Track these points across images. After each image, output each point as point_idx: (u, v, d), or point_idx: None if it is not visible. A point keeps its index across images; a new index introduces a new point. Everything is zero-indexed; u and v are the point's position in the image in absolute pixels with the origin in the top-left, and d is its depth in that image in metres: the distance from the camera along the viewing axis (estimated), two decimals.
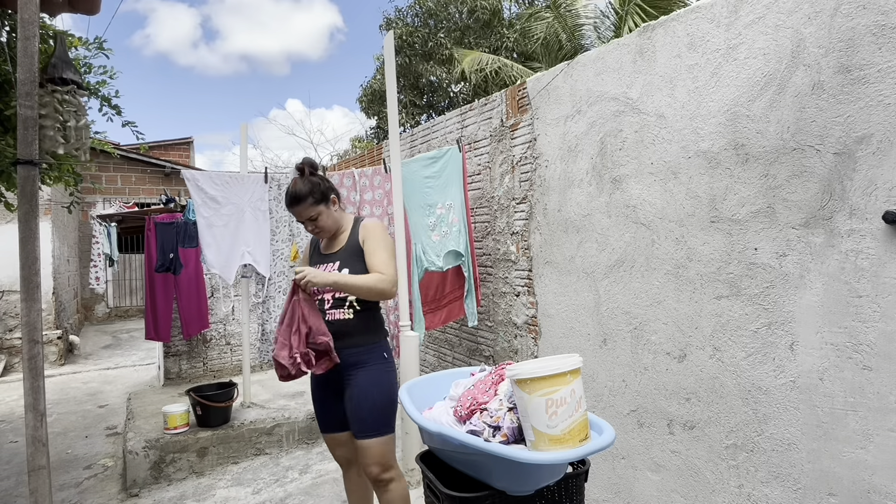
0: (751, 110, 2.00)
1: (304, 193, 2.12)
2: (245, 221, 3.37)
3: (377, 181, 3.61)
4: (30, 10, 1.91)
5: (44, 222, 7.17)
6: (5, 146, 2.59)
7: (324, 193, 2.16)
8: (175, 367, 5.08)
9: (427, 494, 1.65)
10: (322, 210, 2.16)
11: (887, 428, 1.69)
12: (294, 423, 3.93)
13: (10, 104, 2.49)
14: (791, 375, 1.93)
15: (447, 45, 12.95)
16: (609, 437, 1.42)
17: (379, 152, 5.25)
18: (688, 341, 2.27)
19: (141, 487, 3.32)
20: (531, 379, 1.36)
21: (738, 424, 2.10)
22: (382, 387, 2.12)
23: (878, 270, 1.69)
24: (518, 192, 3.30)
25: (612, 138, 2.59)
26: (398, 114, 3.49)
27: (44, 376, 1.99)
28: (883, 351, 1.69)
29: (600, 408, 2.71)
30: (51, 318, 7.10)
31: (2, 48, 2.45)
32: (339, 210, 2.24)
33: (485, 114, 3.59)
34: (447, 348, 4.24)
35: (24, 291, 1.96)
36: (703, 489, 2.24)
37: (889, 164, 1.66)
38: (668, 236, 2.34)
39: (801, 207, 1.88)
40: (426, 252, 3.44)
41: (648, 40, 2.39)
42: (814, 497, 1.88)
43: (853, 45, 1.72)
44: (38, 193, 2.03)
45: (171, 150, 13.29)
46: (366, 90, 14.67)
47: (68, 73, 2.26)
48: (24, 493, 3.21)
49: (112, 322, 10.78)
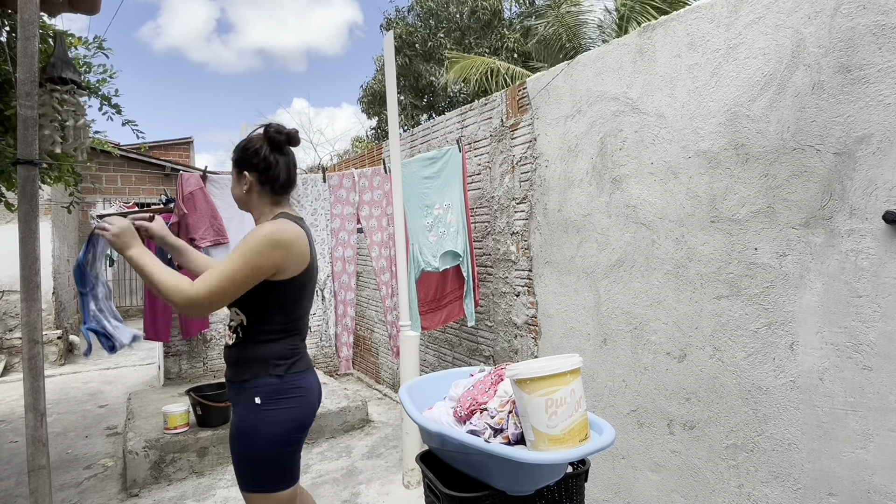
0: (751, 110, 2.00)
1: (235, 149, 1.77)
2: (245, 223, 3.37)
3: (376, 182, 3.62)
4: (30, 10, 1.91)
5: (44, 222, 7.17)
6: (5, 146, 2.59)
7: (239, 164, 1.75)
8: (175, 367, 5.08)
9: (427, 494, 1.65)
10: (234, 176, 1.78)
11: (887, 428, 1.69)
12: None
13: (10, 104, 2.49)
14: (791, 375, 1.93)
15: (447, 45, 12.95)
16: (609, 437, 1.42)
17: (379, 152, 5.25)
18: (688, 341, 2.27)
19: (141, 487, 3.32)
20: (531, 379, 1.36)
21: (738, 424, 2.10)
22: (246, 438, 1.65)
23: (878, 270, 1.69)
24: (518, 192, 3.30)
25: (612, 138, 2.59)
26: (398, 114, 3.49)
27: (44, 376, 1.99)
28: (883, 351, 1.69)
29: (600, 408, 2.71)
30: (51, 318, 7.10)
31: (2, 48, 2.45)
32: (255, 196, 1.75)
33: (485, 114, 3.59)
34: (447, 348, 4.24)
35: (24, 291, 1.96)
36: (703, 489, 2.24)
37: (889, 164, 1.65)
38: (668, 236, 2.33)
39: (801, 207, 1.88)
40: (423, 252, 3.44)
41: (648, 40, 2.39)
42: (814, 497, 1.88)
43: (853, 44, 1.72)
44: (38, 193, 2.03)
45: (171, 150, 13.29)
46: (366, 90, 14.69)
47: (67, 72, 2.26)
48: (24, 493, 3.21)
49: None
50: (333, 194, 3.54)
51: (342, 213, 3.56)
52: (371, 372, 5.77)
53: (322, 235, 3.51)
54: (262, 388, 1.66)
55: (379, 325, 5.45)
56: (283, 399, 1.67)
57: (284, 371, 1.69)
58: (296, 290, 1.69)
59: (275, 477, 1.69)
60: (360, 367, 6.05)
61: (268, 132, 1.73)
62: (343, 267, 3.57)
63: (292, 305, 1.71)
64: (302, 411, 1.71)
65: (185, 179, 3.40)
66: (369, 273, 5.51)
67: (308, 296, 1.78)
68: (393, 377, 5.26)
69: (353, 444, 3.96)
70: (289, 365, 1.70)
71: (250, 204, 1.78)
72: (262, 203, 1.75)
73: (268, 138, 1.72)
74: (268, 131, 1.73)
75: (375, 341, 5.60)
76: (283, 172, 1.74)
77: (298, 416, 1.70)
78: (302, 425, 1.72)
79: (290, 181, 1.78)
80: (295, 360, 1.73)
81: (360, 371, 6.04)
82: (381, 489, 3.24)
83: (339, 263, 3.55)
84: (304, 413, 1.72)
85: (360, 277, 5.64)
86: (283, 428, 1.67)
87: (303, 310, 1.77)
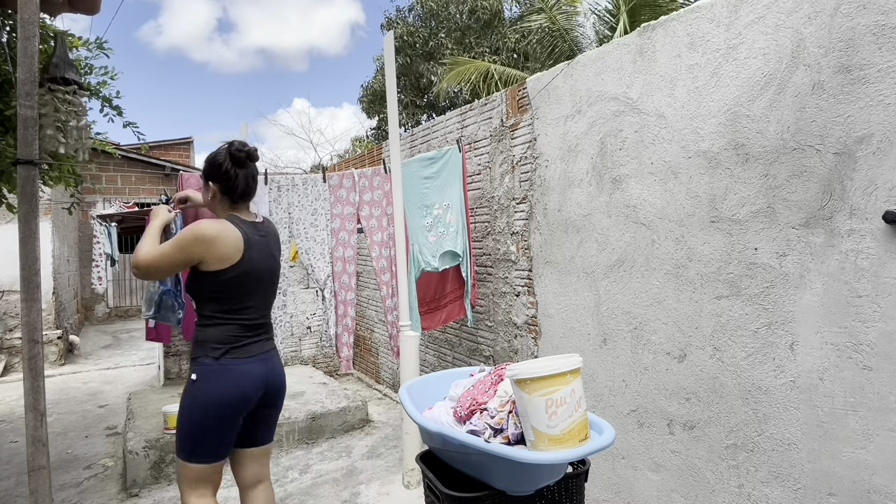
0: (751, 110, 2.00)
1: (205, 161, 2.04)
2: None
3: (377, 182, 3.62)
4: (30, 10, 1.91)
5: (44, 222, 7.17)
6: (5, 146, 2.59)
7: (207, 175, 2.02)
8: (175, 367, 5.08)
9: (427, 494, 1.65)
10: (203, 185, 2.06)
11: (887, 428, 1.69)
12: (294, 423, 3.93)
13: (10, 104, 2.49)
14: (791, 375, 1.93)
15: (448, 45, 12.95)
16: (609, 437, 1.42)
17: (379, 152, 5.25)
18: (688, 341, 2.27)
19: (141, 487, 3.32)
20: (531, 379, 1.36)
21: (738, 424, 2.10)
22: (181, 408, 1.92)
23: (878, 270, 1.69)
24: (518, 192, 3.30)
25: (612, 138, 2.59)
26: (398, 114, 3.49)
27: (44, 376, 1.99)
28: (883, 351, 1.69)
29: (600, 408, 2.71)
30: (51, 318, 7.10)
31: (2, 48, 2.45)
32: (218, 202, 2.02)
33: (485, 114, 3.59)
34: (447, 348, 4.24)
35: (24, 291, 1.96)
36: (703, 489, 2.24)
37: (889, 164, 1.65)
38: (668, 236, 2.33)
39: (801, 207, 1.88)
40: (422, 252, 3.44)
41: (648, 40, 2.39)
42: (814, 497, 1.88)
43: (853, 44, 1.72)
44: (38, 193, 2.03)
45: (171, 150, 13.30)
46: (366, 90, 14.69)
47: (69, 73, 2.26)
48: (24, 493, 3.21)
49: (112, 322, 10.78)
50: (333, 194, 3.54)
51: (342, 213, 3.56)
52: (371, 372, 5.78)
53: (322, 235, 3.51)
54: (199, 367, 1.91)
55: (379, 325, 5.46)
56: (214, 380, 1.89)
57: (220, 355, 1.91)
58: (230, 283, 1.91)
59: (191, 449, 1.91)
60: (360, 367, 6.05)
61: (230, 150, 1.98)
62: (343, 267, 3.57)
63: (227, 296, 1.93)
64: (230, 393, 1.90)
65: (185, 179, 3.40)
66: (369, 273, 5.51)
67: (250, 290, 1.98)
68: (393, 377, 5.26)
69: (353, 444, 3.96)
70: (226, 350, 1.92)
71: (214, 208, 2.07)
72: (221, 209, 2.04)
73: (230, 154, 1.98)
74: (230, 149, 1.99)
75: (375, 341, 5.60)
76: (242, 184, 2.01)
77: (224, 397, 1.89)
78: (228, 404, 1.90)
79: (248, 191, 2.05)
80: (234, 346, 1.93)
81: (360, 371, 6.04)
82: (381, 489, 3.24)
83: (340, 263, 3.55)
84: (231, 395, 1.90)
85: (359, 277, 5.64)
86: (204, 404, 1.89)
87: (246, 302, 1.97)
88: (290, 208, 3.47)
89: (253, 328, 2.00)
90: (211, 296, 1.94)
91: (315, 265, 3.48)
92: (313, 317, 6.18)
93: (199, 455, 1.92)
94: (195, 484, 1.94)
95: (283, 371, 2.14)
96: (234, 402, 1.90)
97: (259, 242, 2.00)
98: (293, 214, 3.47)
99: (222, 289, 1.92)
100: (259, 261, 1.99)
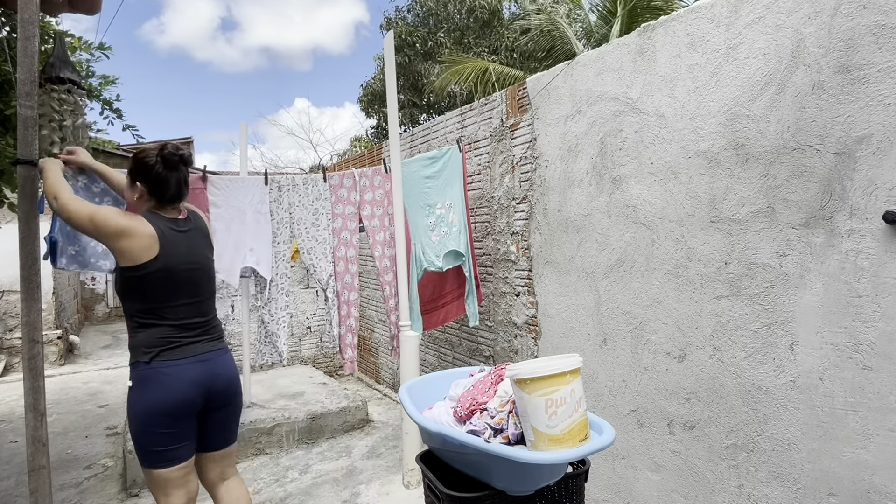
0: (751, 110, 2.00)
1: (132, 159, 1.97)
2: (246, 224, 3.36)
3: (377, 181, 3.61)
4: (30, 10, 1.91)
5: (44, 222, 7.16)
6: (5, 146, 2.59)
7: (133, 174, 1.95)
8: None
9: (427, 494, 1.65)
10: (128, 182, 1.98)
11: (887, 428, 1.69)
12: (294, 423, 3.93)
13: (10, 104, 2.49)
14: (791, 375, 1.93)
15: (447, 45, 12.95)
16: (609, 437, 1.42)
17: (379, 152, 5.25)
18: (688, 341, 2.27)
19: (141, 487, 3.32)
20: (531, 379, 1.36)
21: (738, 424, 2.10)
22: (128, 418, 1.88)
23: (878, 270, 1.69)
24: (518, 192, 3.30)
25: (612, 138, 2.59)
26: (398, 114, 3.49)
27: (44, 376, 2.00)
28: (883, 351, 1.69)
29: (600, 408, 2.71)
30: (51, 318, 7.10)
31: (2, 48, 2.45)
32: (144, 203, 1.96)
33: (485, 114, 3.59)
34: (447, 348, 4.25)
35: (24, 291, 1.96)
36: (703, 489, 2.24)
37: (889, 164, 1.65)
38: (668, 236, 2.34)
39: (801, 207, 1.88)
40: (426, 252, 3.44)
41: (648, 40, 2.39)
42: (814, 497, 1.88)
43: (853, 44, 1.72)
44: (38, 193, 2.03)
45: None
46: (366, 90, 14.68)
47: (66, 72, 2.26)
48: (24, 493, 3.21)
49: (112, 322, 10.77)
50: (334, 194, 3.54)
51: (343, 213, 3.56)
52: (371, 372, 5.78)
53: (324, 235, 3.51)
54: (134, 372, 1.86)
55: (379, 325, 5.46)
56: (146, 385, 1.84)
57: (151, 358, 1.85)
58: (150, 281, 1.85)
59: (148, 455, 1.86)
60: (360, 367, 6.05)
61: (163, 152, 1.92)
62: (346, 267, 3.56)
63: (151, 296, 1.87)
64: (163, 398, 1.83)
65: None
66: (369, 273, 5.52)
67: (174, 288, 1.91)
68: (393, 377, 5.26)
69: (353, 443, 3.96)
70: (156, 353, 1.85)
71: (138, 208, 1.98)
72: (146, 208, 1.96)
73: (163, 157, 1.91)
74: (163, 152, 1.92)
75: (375, 341, 5.60)
76: (174, 188, 1.95)
77: (158, 402, 1.83)
78: (163, 411, 1.83)
79: (180, 195, 1.99)
80: (165, 348, 1.87)
81: (361, 371, 6.04)
82: (381, 489, 3.24)
83: (342, 263, 3.55)
84: (165, 400, 1.83)
85: (360, 277, 5.64)
86: (143, 411, 1.83)
87: (173, 301, 1.90)
88: (290, 208, 3.46)
89: (189, 328, 1.93)
90: (135, 295, 1.87)
91: (317, 265, 3.48)
92: (313, 317, 6.18)
93: (156, 461, 1.86)
94: (166, 489, 1.89)
95: (233, 371, 2.05)
96: (169, 407, 1.83)
97: (178, 238, 1.93)
98: (294, 214, 3.47)
99: (144, 287, 1.86)
100: (180, 256, 1.92)
